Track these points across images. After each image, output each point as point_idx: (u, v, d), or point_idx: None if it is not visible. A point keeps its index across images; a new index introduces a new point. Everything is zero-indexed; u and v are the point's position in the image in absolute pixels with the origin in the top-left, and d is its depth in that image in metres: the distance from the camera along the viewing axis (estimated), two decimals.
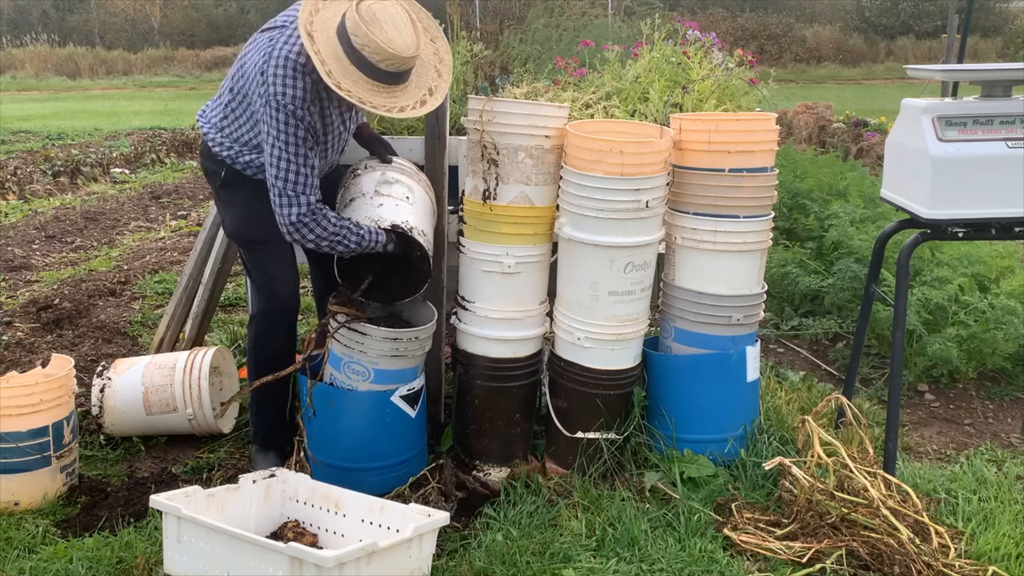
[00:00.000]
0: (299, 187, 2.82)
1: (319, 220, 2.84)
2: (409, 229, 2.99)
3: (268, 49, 2.84)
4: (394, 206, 3.06)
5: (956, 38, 9.22)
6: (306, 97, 2.80)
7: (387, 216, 3.01)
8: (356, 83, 2.73)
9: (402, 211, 3.06)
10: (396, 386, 3.07)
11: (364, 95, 2.73)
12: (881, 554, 2.65)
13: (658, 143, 2.98)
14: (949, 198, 2.86)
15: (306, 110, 2.80)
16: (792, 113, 11.25)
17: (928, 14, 25.32)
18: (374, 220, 2.99)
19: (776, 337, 4.79)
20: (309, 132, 2.83)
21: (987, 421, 3.88)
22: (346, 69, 2.73)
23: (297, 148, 2.81)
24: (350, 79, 2.72)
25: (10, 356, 4.43)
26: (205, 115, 3.12)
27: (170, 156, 11.66)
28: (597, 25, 6.32)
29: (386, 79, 2.76)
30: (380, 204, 3.06)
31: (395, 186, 3.14)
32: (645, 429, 3.26)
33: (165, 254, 6.68)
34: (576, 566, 2.66)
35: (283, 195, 2.82)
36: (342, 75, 2.72)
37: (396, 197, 3.10)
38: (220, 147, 3.03)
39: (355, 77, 2.73)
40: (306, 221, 2.84)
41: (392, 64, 2.72)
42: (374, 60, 2.71)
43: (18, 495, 3.05)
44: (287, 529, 2.78)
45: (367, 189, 3.13)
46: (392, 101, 2.78)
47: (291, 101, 2.77)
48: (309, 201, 2.83)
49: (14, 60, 25.80)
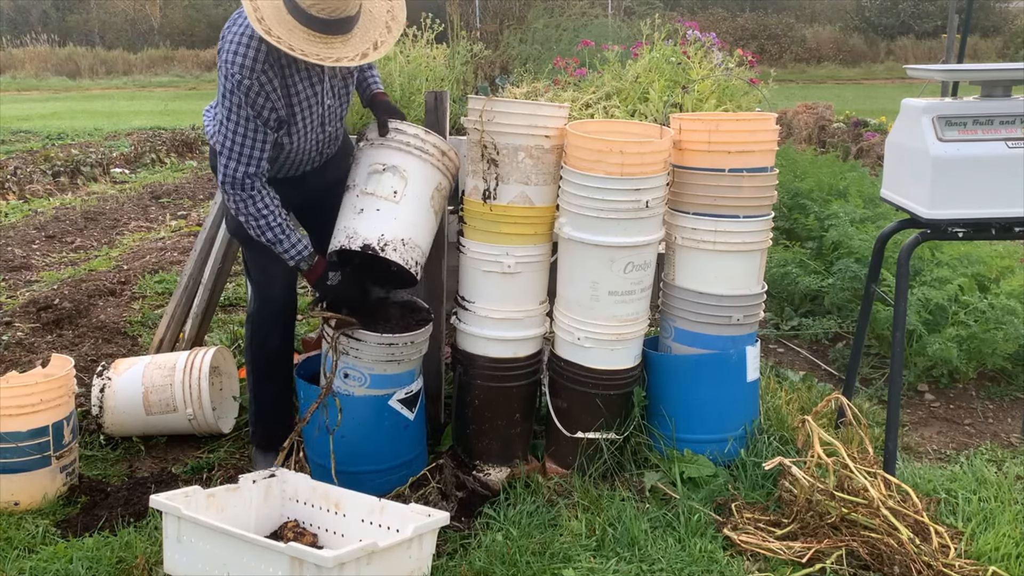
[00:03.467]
0: (243, 156, 2.80)
1: (244, 197, 2.84)
2: (382, 248, 2.91)
3: (230, 25, 2.82)
4: (375, 211, 2.96)
5: (956, 38, 9.22)
6: (255, 66, 2.74)
7: (361, 232, 2.93)
8: (291, 32, 2.67)
9: (382, 220, 2.95)
10: (393, 390, 3.06)
11: (296, 43, 2.67)
12: (881, 554, 2.66)
13: (658, 143, 2.98)
14: (949, 198, 2.86)
15: (254, 80, 2.74)
16: (792, 113, 11.25)
17: (928, 14, 25.31)
18: (349, 236, 2.94)
19: (776, 337, 4.79)
20: (255, 106, 2.77)
21: (987, 421, 3.88)
22: (282, 19, 2.68)
23: (237, 116, 2.77)
24: (284, 27, 2.67)
25: (10, 356, 4.43)
26: (209, 113, 3.13)
27: (170, 156, 11.66)
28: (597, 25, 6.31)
29: (322, 27, 2.70)
30: (360, 210, 2.98)
31: (384, 177, 3.00)
32: (645, 429, 3.26)
33: (165, 254, 6.68)
34: (576, 566, 2.66)
35: (229, 157, 2.81)
36: (275, 23, 2.66)
37: (380, 197, 2.98)
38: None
39: (290, 26, 2.68)
40: (230, 192, 2.84)
41: (323, 9, 2.67)
42: (305, 6, 2.66)
43: (18, 495, 3.05)
44: (287, 529, 2.78)
45: (359, 179, 3.04)
46: (329, 51, 2.71)
47: (238, 70, 2.73)
48: (248, 171, 2.82)
49: (14, 60, 25.78)
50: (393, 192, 2.99)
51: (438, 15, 4.50)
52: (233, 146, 2.81)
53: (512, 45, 5.86)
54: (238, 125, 2.78)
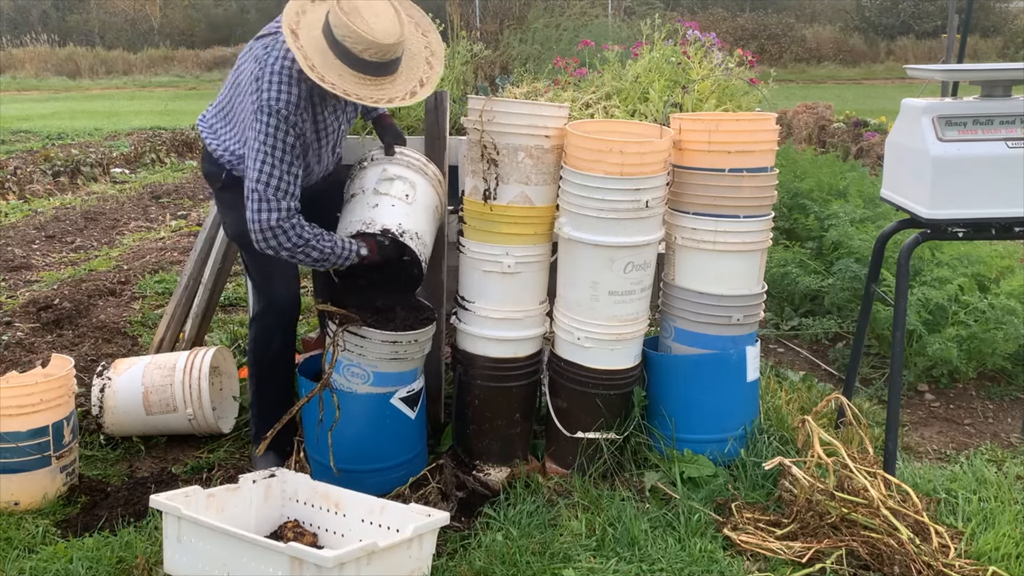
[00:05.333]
0: (280, 192, 2.80)
1: (295, 227, 2.83)
2: (400, 234, 2.97)
3: (263, 57, 2.85)
4: (390, 207, 3.04)
5: (956, 38, 9.22)
6: (299, 103, 2.80)
7: (379, 219, 3.00)
8: (341, 76, 2.72)
9: (397, 213, 3.04)
10: (395, 388, 3.07)
11: (349, 87, 2.72)
12: (881, 554, 2.65)
13: (658, 143, 2.98)
14: (949, 198, 2.86)
15: (299, 116, 2.80)
16: (792, 113, 11.25)
17: (928, 14, 25.32)
18: (365, 223, 2.98)
19: (776, 337, 4.79)
20: (298, 139, 2.82)
21: (987, 421, 3.88)
22: (331, 63, 2.72)
23: (283, 154, 2.80)
24: (335, 72, 2.71)
25: (10, 356, 4.43)
26: (205, 120, 3.14)
27: (170, 156, 11.67)
28: (597, 25, 6.31)
29: (371, 70, 2.74)
30: (375, 205, 3.05)
31: (396, 183, 3.11)
32: (645, 429, 3.26)
33: (165, 254, 6.68)
34: (576, 566, 2.66)
35: (263, 199, 2.79)
36: (326, 69, 2.71)
37: (394, 196, 3.08)
38: (218, 151, 3.05)
39: (340, 71, 2.72)
40: (284, 227, 2.81)
41: (375, 53, 2.71)
42: (356, 50, 2.70)
43: (18, 495, 3.05)
44: (287, 529, 2.78)
45: (368, 185, 3.11)
46: (380, 93, 2.76)
47: (284, 106, 2.77)
48: (289, 207, 2.82)
49: (14, 60, 25.79)
50: (405, 195, 3.10)
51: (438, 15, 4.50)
52: (280, 183, 2.80)
53: (512, 45, 5.85)
54: (283, 161, 2.79)
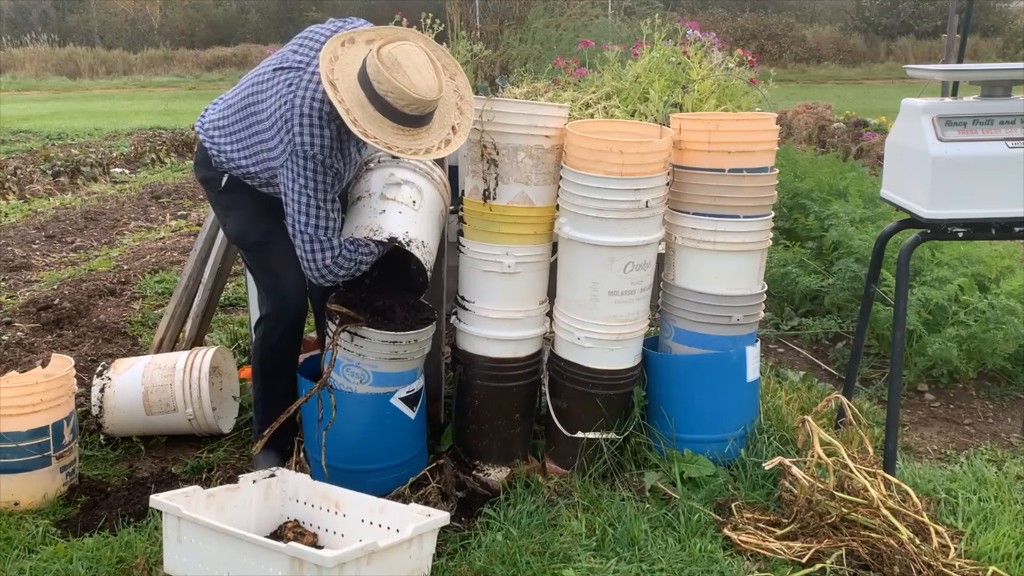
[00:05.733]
0: (330, 232, 2.86)
1: (348, 256, 2.90)
2: (407, 242, 2.97)
3: (290, 97, 2.83)
4: (397, 213, 3.03)
5: (956, 38, 9.20)
6: (332, 145, 2.83)
7: (387, 227, 2.99)
8: (381, 128, 2.74)
9: (405, 220, 3.03)
10: (395, 388, 3.06)
11: (390, 140, 2.74)
12: (881, 554, 2.65)
13: (658, 143, 2.98)
14: (949, 198, 2.86)
15: (333, 158, 2.84)
16: (792, 113, 11.25)
17: (928, 14, 25.32)
18: (372, 230, 2.97)
19: (776, 337, 4.79)
20: (335, 178, 2.87)
21: (987, 421, 3.88)
22: (371, 116, 2.73)
23: (326, 194, 2.85)
24: (375, 125, 2.73)
25: (10, 356, 4.43)
26: (204, 126, 3.11)
27: (170, 156, 11.67)
28: (597, 25, 6.32)
29: (411, 123, 2.76)
30: (383, 211, 3.03)
31: (403, 188, 3.10)
32: (645, 429, 3.26)
33: (165, 254, 6.68)
34: (576, 566, 2.66)
35: (315, 241, 2.85)
36: (367, 122, 2.72)
37: (401, 202, 3.07)
38: (219, 159, 3.05)
39: (380, 123, 2.74)
40: (341, 263, 2.89)
41: (416, 108, 2.73)
42: (399, 106, 2.71)
43: (18, 495, 3.05)
44: (287, 529, 2.78)
45: (374, 188, 3.10)
46: (417, 143, 2.79)
47: (320, 151, 2.80)
48: (341, 243, 2.89)
49: (14, 60, 25.79)
50: (412, 201, 3.09)
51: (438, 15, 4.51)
52: (328, 223, 2.86)
53: (512, 45, 5.87)
54: (325, 201, 2.85)
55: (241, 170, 3.03)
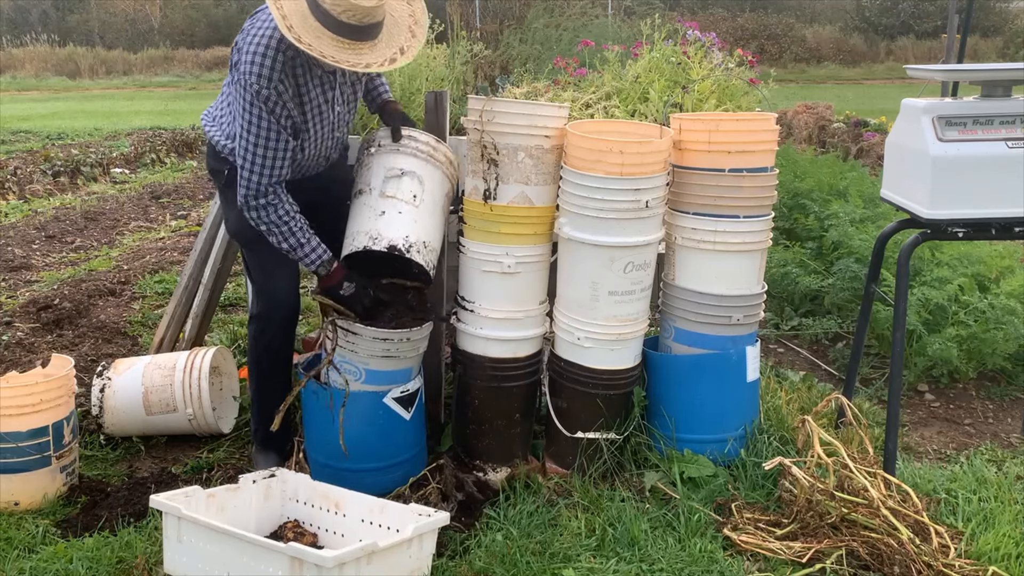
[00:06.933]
0: (256, 166, 2.83)
1: (265, 205, 2.87)
2: (407, 248, 2.94)
3: (247, 28, 2.86)
4: (396, 214, 2.99)
5: (956, 38, 9.21)
6: (272, 76, 2.77)
7: (385, 233, 2.95)
8: (319, 38, 2.69)
9: (404, 221, 2.98)
10: (388, 387, 3.05)
11: (326, 50, 2.68)
12: (881, 554, 2.66)
13: (658, 143, 2.98)
14: (949, 198, 2.86)
15: (271, 89, 2.78)
16: (792, 113, 11.25)
17: (928, 14, 25.32)
18: (372, 237, 2.95)
19: (776, 337, 4.79)
20: (274, 114, 2.80)
21: (987, 421, 3.88)
22: (311, 26, 2.69)
23: (259, 129, 2.80)
24: (312, 34, 2.68)
25: (10, 356, 4.43)
26: (209, 114, 3.14)
27: (170, 156, 11.67)
28: (597, 25, 6.32)
29: (351, 33, 2.71)
30: (382, 212, 2.99)
31: (403, 181, 3.04)
32: (645, 429, 3.26)
33: (165, 254, 6.68)
34: (576, 566, 2.66)
35: (240, 172, 2.85)
36: (304, 30, 2.68)
37: (401, 199, 3.02)
38: (221, 142, 3.05)
39: (318, 32, 2.69)
40: (252, 204, 2.86)
41: (354, 15, 2.68)
42: (335, 12, 2.67)
43: (18, 495, 3.05)
44: (287, 529, 2.79)
45: (375, 183, 3.05)
46: (358, 57, 2.73)
47: (256, 80, 2.76)
48: (259, 183, 2.85)
49: (14, 60, 25.78)
50: (413, 196, 3.04)
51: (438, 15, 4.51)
52: (255, 157, 2.83)
53: (512, 45, 5.87)
54: (259, 136, 2.81)
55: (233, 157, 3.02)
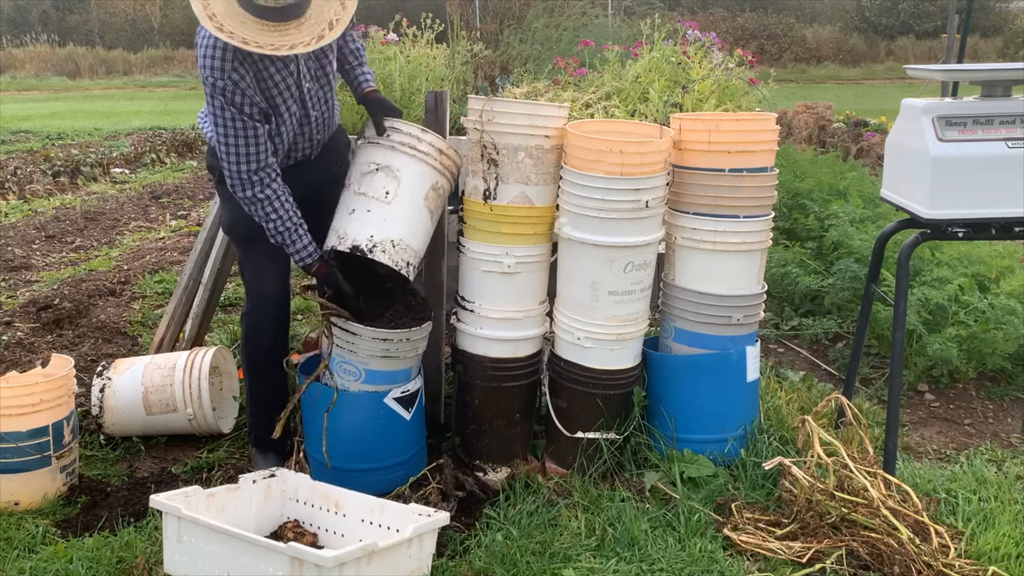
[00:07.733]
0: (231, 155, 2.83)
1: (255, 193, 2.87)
2: (371, 248, 2.92)
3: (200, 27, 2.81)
4: (365, 213, 2.96)
5: (956, 38, 9.21)
6: (225, 67, 2.74)
7: (351, 233, 2.95)
8: (244, 24, 2.66)
9: (372, 220, 2.95)
10: (388, 387, 3.06)
11: (249, 35, 2.64)
12: (881, 554, 2.66)
13: (658, 143, 2.98)
14: (949, 198, 2.86)
15: (227, 79, 2.75)
16: (792, 113, 11.25)
17: (928, 14, 25.31)
18: (340, 236, 2.95)
19: (776, 337, 4.79)
20: (234, 104, 2.78)
21: (987, 421, 3.88)
22: (233, 12, 2.67)
23: (224, 120, 2.79)
24: (236, 21, 2.65)
25: (10, 356, 4.43)
26: (203, 115, 3.13)
27: (170, 156, 11.67)
28: (597, 25, 6.32)
29: (273, 16, 2.68)
30: (352, 211, 2.98)
31: (377, 177, 2.99)
32: (645, 429, 3.26)
33: (165, 254, 6.68)
34: (576, 566, 2.66)
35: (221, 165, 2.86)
36: (227, 18, 2.65)
37: (372, 196, 2.98)
38: (214, 142, 3.05)
39: (242, 18, 2.66)
40: (240, 195, 2.87)
41: None
42: None
43: (18, 495, 3.05)
44: (287, 529, 2.79)
45: (352, 179, 3.05)
46: (283, 40, 2.68)
47: (211, 73, 2.75)
48: (240, 172, 2.85)
49: (14, 60, 25.78)
50: (385, 193, 2.99)
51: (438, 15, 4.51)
52: (228, 148, 2.83)
53: (512, 45, 5.87)
54: (227, 128, 2.81)
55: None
